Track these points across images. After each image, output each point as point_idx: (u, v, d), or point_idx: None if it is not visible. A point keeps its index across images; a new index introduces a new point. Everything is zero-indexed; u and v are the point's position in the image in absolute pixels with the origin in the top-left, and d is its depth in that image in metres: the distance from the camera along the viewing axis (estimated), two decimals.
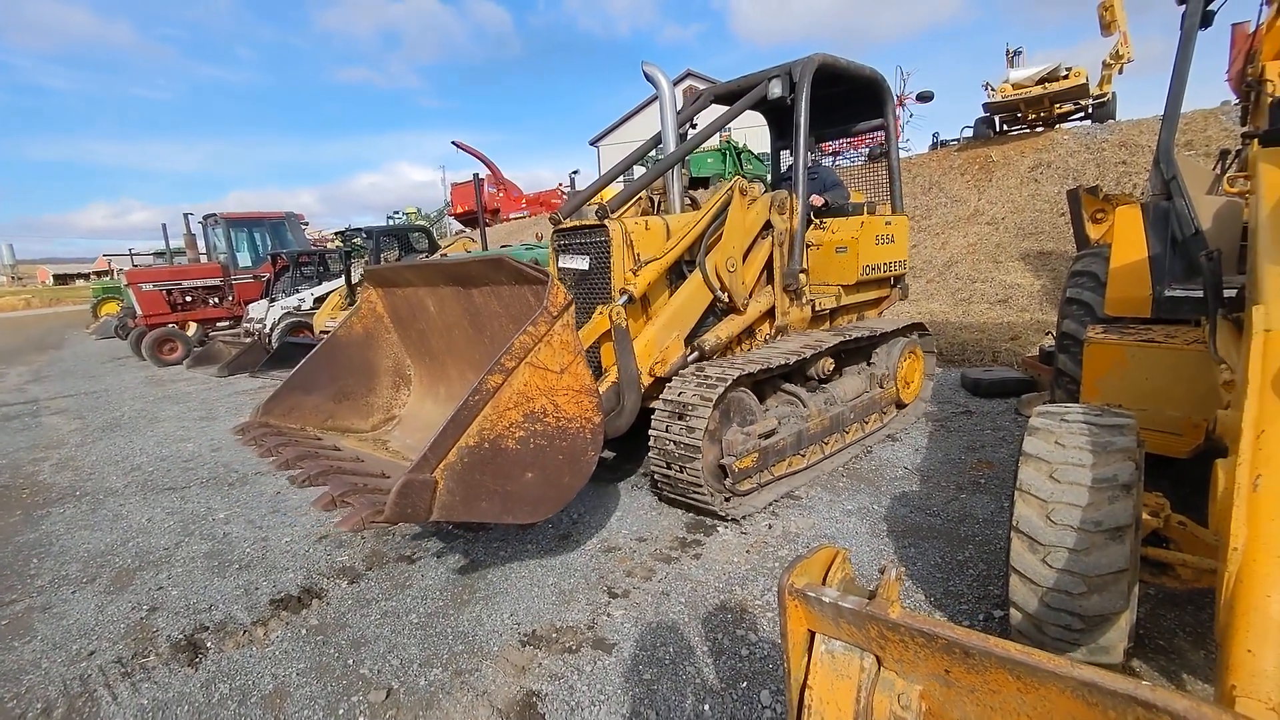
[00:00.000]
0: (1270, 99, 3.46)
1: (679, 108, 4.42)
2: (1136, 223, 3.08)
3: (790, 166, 4.53)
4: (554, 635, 2.55)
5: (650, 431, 3.40)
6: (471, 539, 3.43)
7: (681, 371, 3.57)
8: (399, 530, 3.57)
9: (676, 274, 3.84)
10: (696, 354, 3.73)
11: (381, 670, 2.41)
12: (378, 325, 3.91)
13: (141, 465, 5.29)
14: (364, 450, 3.26)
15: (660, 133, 4.22)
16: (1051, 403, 2.58)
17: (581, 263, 3.67)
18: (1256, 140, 2.52)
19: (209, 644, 2.66)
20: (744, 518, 3.44)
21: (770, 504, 3.60)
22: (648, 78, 4.09)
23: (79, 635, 2.81)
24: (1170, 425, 2.63)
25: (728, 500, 3.46)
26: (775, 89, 4.21)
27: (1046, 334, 6.74)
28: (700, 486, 3.26)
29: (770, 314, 4.31)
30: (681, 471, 3.30)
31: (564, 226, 3.84)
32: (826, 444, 4.09)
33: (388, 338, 3.94)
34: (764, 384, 3.90)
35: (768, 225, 4.20)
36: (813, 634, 1.04)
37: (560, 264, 3.82)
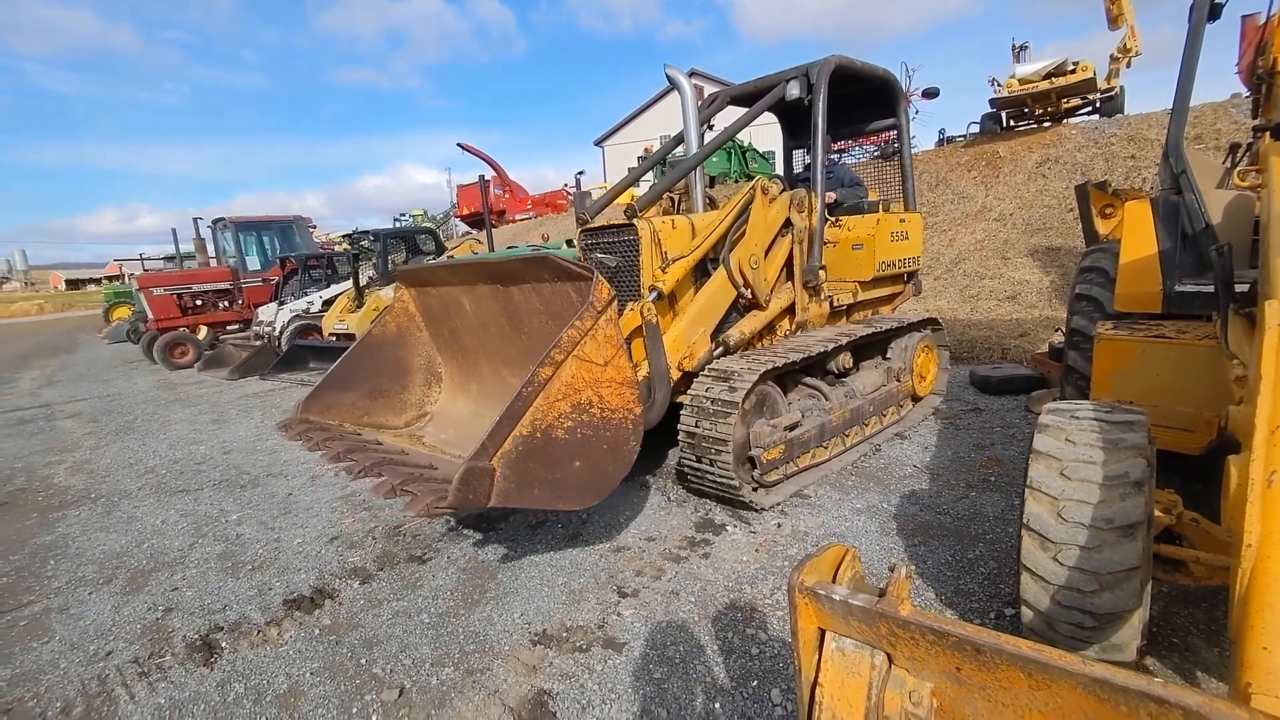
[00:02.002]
0: None
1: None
2: (1146, 217, 3.06)
3: (807, 165, 4.56)
4: (564, 634, 2.56)
5: (679, 426, 3.47)
6: (481, 539, 3.44)
7: (710, 366, 3.64)
8: (408, 531, 3.59)
9: (700, 271, 3.92)
10: (722, 349, 3.81)
11: (394, 670, 2.43)
12: (410, 324, 4.01)
13: (154, 468, 5.35)
14: (403, 445, 3.33)
15: (683, 133, 4.30)
16: (1061, 399, 2.56)
17: (610, 261, 3.74)
18: (1268, 134, 2.50)
19: (224, 644, 2.69)
20: (773, 506, 3.52)
21: (792, 494, 3.66)
22: (670, 80, 4.19)
23: (96, 636, 2.84)
24: (1182, 421, 2.61)
25: (755, 490, 3.52)
26: (794, 90, 4.27)
27: (1056, 330, 6.70)
28: (732, 478, 3.33)
29: (790, 310, 4.39)
30: (712, 465, 3.36)
31: (591, 226, 3.92)
32: (848, 436, 4.15)
33: (419, 336, 4.03)
34: (785, 378, 3.96)
35: (788, 223, 4.28)
36: (823, 632, 1.04)
37: (588, 261, 3.89)
